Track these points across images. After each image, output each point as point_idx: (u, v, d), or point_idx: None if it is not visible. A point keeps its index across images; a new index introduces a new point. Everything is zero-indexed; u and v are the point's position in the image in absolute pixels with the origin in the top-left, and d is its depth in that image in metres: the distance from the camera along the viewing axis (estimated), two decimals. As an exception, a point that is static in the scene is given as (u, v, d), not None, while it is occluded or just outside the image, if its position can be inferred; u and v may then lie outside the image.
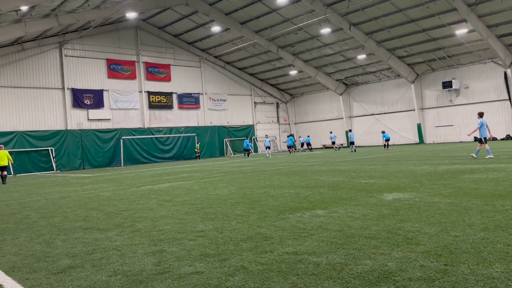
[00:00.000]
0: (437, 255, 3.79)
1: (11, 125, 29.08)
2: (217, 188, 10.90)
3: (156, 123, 36.70)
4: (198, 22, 34.16)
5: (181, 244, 4.88)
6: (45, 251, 5.00)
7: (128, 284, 3.57)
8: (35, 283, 3.76)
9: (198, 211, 7.23)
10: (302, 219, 5.86)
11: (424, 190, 8.02)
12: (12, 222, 7.43)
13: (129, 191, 11.81)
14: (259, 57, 39.25)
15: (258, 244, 4.60)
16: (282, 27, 32.60)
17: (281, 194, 8.79)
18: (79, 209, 8.65)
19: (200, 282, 3.49)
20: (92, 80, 33.08)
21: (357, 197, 7.64)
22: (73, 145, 31.53)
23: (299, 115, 47.95)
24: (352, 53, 35.90)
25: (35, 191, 13.80)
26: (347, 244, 4.37)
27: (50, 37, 30.65)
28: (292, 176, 12.94)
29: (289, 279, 3.41)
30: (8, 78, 29.10)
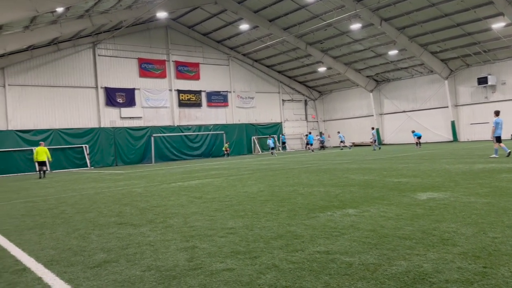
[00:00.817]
0: (475, 257, 3.66)
1: (47, 123, 30.15)
2: (246, 185, 10.94)
3: (186, 121, 37.19)
4: (227, 20, 34.34)
5: (212, 241, 4.92)
6: (81, 246, 5.16)
7: (161, 279, 3.63)
8: (72, 276, 3.88)
9: (228, 208, 7.28)
10: (332, 218, 5.80)
11: (459, 189, 7.78)
12: (50, 217, 7.70)
13: (160, 187, 12.03)
14: (288, 54, 39.09)
15: (289, 243, 4.59)
16: (311, 23, 32.33)
17: (310, 192, 8.73)
18: (112, 204, 8.88)
19: (232, 279, 3.51)
20: (124, 79, 33.85)
21: (389, 196, 7.49)
22: (106, 143, 32.39)
23: (327, 112, 47.48)
24: (383, 49, 35.20)
25: (70, 187, 14.26)
26: (380, 244, 4.29)
27: (84, 37, 31.55)
28: (321, 174, 12.83)
29: (322, 278, 3.38)
30: (44, 77, 30.16)
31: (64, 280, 3.77)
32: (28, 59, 29.34)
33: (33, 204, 9.85)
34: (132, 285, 3.52)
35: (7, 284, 3.77)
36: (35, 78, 29.75)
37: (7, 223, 7.26)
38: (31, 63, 29.58)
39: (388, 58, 36.77)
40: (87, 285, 3.60)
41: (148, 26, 34.90)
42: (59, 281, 3.77)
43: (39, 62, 29.96)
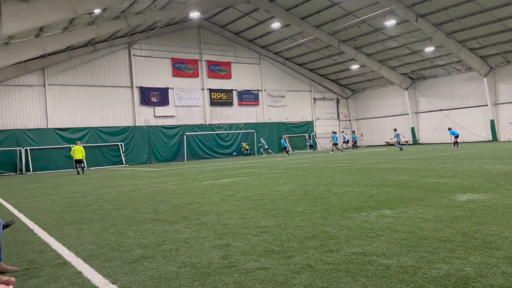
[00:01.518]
0: (522, 263, 3.49)
1: (85, 121, 31.15)
2: (277, 184, 10.91)
3: (217, 120, 37.53)
4: (259, 19, 34.36)
5: (246, 239, 4.93)
6: (118, 241, 5.28)
7: (197, 276, 3.66)
8: (110, 271, 3.98)
9: (260, 207, 7.27)
10: (368, 219, 5.69)
11: (501, 191, 7.46)
12: (88, 213, 7.94)
13: (193, 185, 12.18)
14: (320, 52, 38.71)
15: (323, 243, 4.53)
16: (343, 20, 31.87)
17: (344, 192, 8.60)
18: (148, 201, 9.06)
19: (266, 278, 3.50)
20: (158, 79, 34.52)
21: (426, 197, 7.27)
22: (141, 141, 33.15)
23: (360, 111, 46.71)
24: (419, 45, 34.25)
25: (107, 184, 14.67)
26: (419, 246, 4.16)
27: (120, 38, 32.38)
28: (355, 174, 12.63)
29: (359, 280, 3.31)
30: (82, 77, 31.18)
31: (103, 275, 3.87)
32: (67, 60, 30.41)
33: (72, 200, 10.20)
34: (169, 281, 3.56)
35: (49, 277, 3.90)
36: (73, 78, 30.79)
37: (48, 218, 7.54)
38: (69, 63, 30.64)
39: (424, 55, 35.75)
40: (125, 280, 3.68)
41: (181, 26, 35.42)
42: (98, 275, 3.87)
43: (77, 62, 30.99)
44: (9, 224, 4.41)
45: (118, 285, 3.54)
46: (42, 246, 5.25)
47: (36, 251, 4.99)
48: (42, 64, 29.21)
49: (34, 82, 29.38)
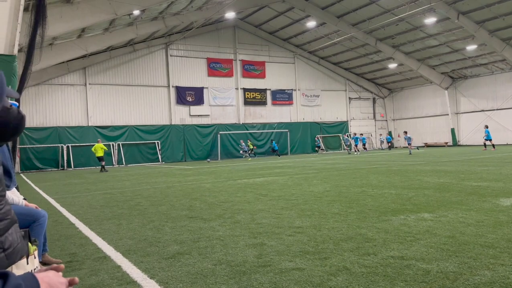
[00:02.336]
0: None
1: (123, 120, 32.06)
2: (311, 184, 10.83)
3: (251, 119, 37.65)
4: (294, 18, 34.18)
5: (280, 239, 4.92)
6: (156, 237, 5.40)
7: (232, 274, 3.69)
8: (148, 266, 4.08)
9: (294, 207, 7.24)
10: (406, 222, 5.54)
11: (549, 196, 7.09)
12: (126, 208, 8.17)
13: (227, 183, 12.28)
14: (356, 51, 38.06)
15: (360, 245, 4.45)
16: (381, 18, 31.19)
17: (380, 194, 8.42)
18: (183, 198, 9.21)
19: (302, 279, 3.48)
20: (193, 78, 35.04)
21: (468, 201, 7.01)
22: (176, 139, 33.77)
23: (397, 111, 45.56)
24: (460, 44, 33.02)
25: (144, 181, 15.04)
26: (460, 252, 4.02)
27: (157, 39, 33.09)
28: (391, 175, 12.34)
29: (397, 284, 3.23)
30: (121, 77, 32.09)
31: (141, 270, 3.97)
32: (107, 60, 31.38)
33: (111, 196, 10.52)
34: (205, 278, 3.61)
35: (90, 270, 4.04)
36: (112, 78, 31.75)
37: (89, 213, 7.82)
38: (109, 63, 31.61)
39: (466, 54, 34.43)
40: (162, 275, 3.76)
41: (217, 27, 35.77)
42: (136, 270, 3.98)
43: (117, 62, 31.92)
44: None
45: (155, 280, 3.62)
46: (83, 240, 5.45)
47: (78, 245, 5.18)
48: (83, 64, 30.28)
49: (76, 81, 30.51)
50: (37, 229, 3.97)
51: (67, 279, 1.46)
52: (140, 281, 3.63)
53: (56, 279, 1.38)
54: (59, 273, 1.46)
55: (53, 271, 1.42)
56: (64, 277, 1.40)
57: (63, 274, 3.86)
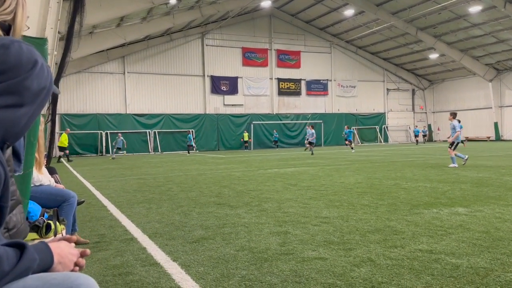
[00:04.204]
0: None
1: (159, 108, 32.70)
2: (342, 176, 10.65)
3: (284, 109, 37.44)
4: (331, 6, 33.47)
5: (305, 228, 4.85)
6: (183, 221, 5.47)
7: (254, 260, 3.67)
8: (172, 249, 4.13)
9: (323, 197, 7.14)
10: (439, 216, 5.33)
11: None
12: (158, 193, 8.33)
13: (257, 173, 12.29)
14: (395, 40, 36.89)
15: (387, 238, 4.32)
16: (423, 7, 29.99)
17: (414, 187, 8.16)
18: (213, 186, 9.30)
19: (324, 268, 3.41)
20: (228, 68, 35.17)
21: (507, 196, 6.67)
22: (210, 128, 34.13)
23: (438, 103, 43.93)
24: (507, 34, 31.31)
25: (177, 168, 15.30)
26: (494, 247, 3.81)
27: (194, 28, 33.37)
28: (428, 169, 11.94)
29: (423, 278, 3.10)
30: (158, 66, 32.67)
31: (165, 252, 4.02)
32: (145, 49, 32.00)
33: (144, 181, 10.77)
34: (226, 263, 3.61)
35: (116, 251, 4.14)
36: (150, 66, 32.37)
37: (121, 197, 8.03)
38: (147, 52, 32.22)
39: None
40: (185, 258, 3.79)
41: (253, 16, 35.62)
42: (160, 252, 4.04)
43: (154, 52, 32.49)
44: (78, 202, 4.74)
45: (178, 263, 3.66)
46: (113, 222, 5.60)
47: (107, 226, 5.33)
48: (122, 53, 31.02)
49: (114, 69, 31.33)
50: (67, 209, 4.09)
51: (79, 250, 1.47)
52: (163, 263, 3.68)
53: (67, 250, 1.39)
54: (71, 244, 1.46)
55: (65, 242, 1.43)
56: (91, 257, 1.41)
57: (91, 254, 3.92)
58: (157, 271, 3.47)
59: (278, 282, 3.13)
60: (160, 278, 3.30)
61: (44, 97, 1.30)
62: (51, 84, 1.30)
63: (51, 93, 1.33)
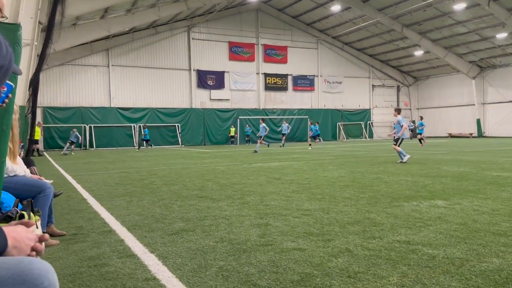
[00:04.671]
0: None
1: (145, 102, 32.38)
2: (326, 170, 10.69)
3: (271, 105, 37.44)
4: (318, 1, 33.50)
5: (286, 220, 4.85)
6: (163, 214, 5.42)
7: (232, 251, 3.66)
8: (151, 241, 4.08)
9: (306, 191, 7.15)
10: (418, 208, 5.39)
11: None
12: (140, 186, 8.25)
13: (241, 167, 12.26)
14: (381, 36, 37.15)
15: (366, 229, 4.34)
16: (408, 3, 30.22)
17: (395, 181, 8.24)
18: (197, 179, 9.24)
19: (302, 258, 3.41)
20: (215, 62, 34.96)
21: (486, 190, 6.77)
22: (197, 123, 33.93)
23: (422, 100, 44.45)
24: (490, 31, 31.79)
25: (161, 162, 15.18)
26: (470, 238, 3.86)
27: (180, 21, 33.04)
28: (410, 163, 12.07)
29: (399, 268, 3.12)
30: (143, 59, 32.30)
31: (143, 244, 3.97)
32: (129, 42, 31.58)
33: (127, 175, 10.65)
34: (204, 254, 3.59)
35: (93, 243, 4.08)
36: (135, 60, 31.98)
37: (102, 190, 7.92)
38: (131, 45, 31.81)
39: (495, 42, 33.16)
40: (163, 250, 3.75)
41: (240, 10, 35.43)
42: (138, 244, 3.99)
43: (139, 45, 32.10)
44: (56, 194, 4.65)
45: (155, 255, 3.62)
46: (92, 215, 5.52)
47: (86, 219, 5.25)
48: (106, 45, 30.58)
49: (99, 62, 30.88)
50: (43, 200, 4.01)
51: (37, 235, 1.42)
52: (140, 254, 3.64)
53: (24, 234, 1.34)
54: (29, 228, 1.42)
55: (22, 226, 1.39)
56: (67, 248, 1.37)
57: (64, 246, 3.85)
58: (134, 262, 3.43)
59: (255, 272, 3.11)
60: (136, 269, 3.26)
61: (2, 76, 1.25)
62: (10, 63, 1.25)
63: (10, 72, 1.28)
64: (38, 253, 1.36)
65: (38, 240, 1.40)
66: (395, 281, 2.87)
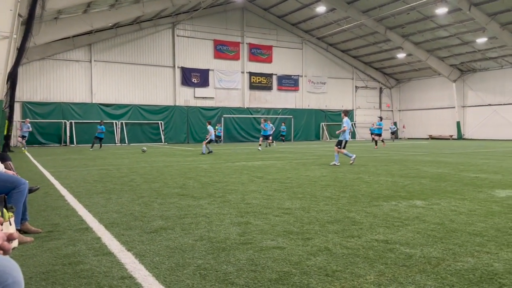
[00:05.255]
0: (560, 264, 3.20)
1: (127, 99, 31.98)
2: (308, 169, 10.74)
3: (255, 104, 37.43)
4: (304, 2, 33.63)
5: (267, 219, 4.85)
6: (142, 212, 5.35)
7: (211, 249, 3.63)
8: (128, 239, 4.02)
9: (287, 190, 7.16)
10: (397, 208, 5.45)
11: (547, 190, 6.95)
12: (119, 184, 8.13)
13: (224, 165, 12.22)
14: (365, 38, 37.52)
15: (346, 228, 4.37)
16: (392, 6, 30.61)
17: (376, 181, 8.32)
18: (178, 177, 9.16)
19: (280, 257, 3.41)
20: (199, 60, 34.75)
21: (463, 191, 6.89)
22: (180, 120, 33.68)
23: (404, 102, 45.09)
24: (471, 36, 32.43)
25: (143, 159, 15.01)
26: (447, 238, 3.92)
27: (164, 18, 32.73)
28: (391, 164, 12.22)
29: (376, 267, 3.15)
30: (127, 55, 31.88)
31: (120, 242, 3.91)
32: (113, 37, 31.14)
33: (107, 172, 10.49)
34: (183, 253, 3.55)
35: (69, 240, 3.99)
36: (118, 55, 31.55)
37: (81, 187, 7.78)
38: (115, 41, 31.37)
39: (476, 47, 33.85)
40: (140, 248, 3.70)
41: (225, 8, 35.31)
42: (115, 242, 3.92)
43: (122, 40, 31.68)
44: (32, 189, 4.54)
45: (132, 253, 3.57)
46: (69, 212, 5.41)
47: (63, 216, 5.14)
48: (89, 40, 30.08)
49: (81, 57, 30.36)
50: (17, 196, 3.91)
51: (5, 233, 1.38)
52: (116, 253, 3.58)
53: None
54: None
55: None
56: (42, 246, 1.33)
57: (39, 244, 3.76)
58: (110, 260, 3.37)
59: (233, 271, 3.09)
60: (112, 267, 3.20)
61: None
62: None
63: None
64: (6, 252, 1.32)
65: (6, 239, 1.36)
66: (372, 279, 2.89)
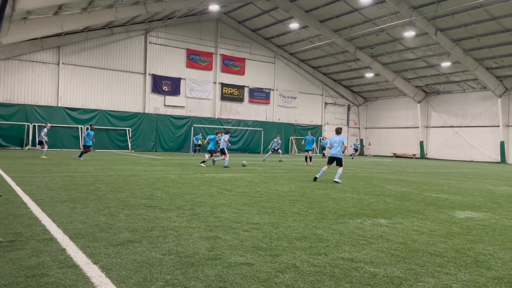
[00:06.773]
0: (511, 284, 3.39)
1: (95, 103, 31.29)
2: (277, 183, 10.84)
3: (226, 115, 37.48)
4: (277, 18, 34.21)
5: (236, 234, 4.87)
6: (108, 223, 5.25)
7: (180, 265, 3.61)
8: (94, 251, 3.94)
9: (256, 204, 7.21)
10: (362, 226, 5.60)
11: (501, 212, 7.32)
12: (84, 193, 7.94)
13: (193, 176, 12.15)
14: (335, 57, 38.48)
15: (313, 245, 4.45)
16: (362, 27, 31.62)
17: (342, 197, 8.50)
18: (146, 187, 9.04)
19: (249, 273, 3.44)
20: (171, 68, 34.54)
21: (425, 211, 7.16)
22: (149, 128, 33.22)
23: (370, 120, 46.37)
24: (436, 59, 33.91)
25: (109, 167, 14.70)
26: (409, 258, 4.07)
27: (137, 24, 32.43)
28: (356, 181, 12.51)
29: (342, 285, 3.23)
30: (96, 59, 31.29)
31: (86, 254, 3.83)
32: (83, 40, 30.51)
33: (71, 179, 10.21)
34: (150, 267, 3.52)
35: (32, 251, 3.87)
36: (87, 59, 30.91)
37: (44, 194, 7.55)
38: (85, 44, 30.75)
39: (440, 70, 35.39)
40: (107, 261, 3.64)
41: (200, 18, 35.37)
42: (81, 254, 3.84)
43: (93, 44, 31.10)
44: None
45: (99, 266, 3.50)
46: (32, 221, 5.24)
47: (25, 225, 4.97)
48: (58, 42, 29.35)
49: (48, 59, 29.54)
50: (-22, 204, 3.76)
51: None
52: (82, 265, 3.50)
53: None
54: None
55: None
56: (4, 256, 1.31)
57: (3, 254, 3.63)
58: (75, 273, 3.30)
59: (202, 287, 3.10)
60: (78, 281, 3.13)
61: None
62: None
63: None
64: None
65: None
66: (338, 298, 2.96)
